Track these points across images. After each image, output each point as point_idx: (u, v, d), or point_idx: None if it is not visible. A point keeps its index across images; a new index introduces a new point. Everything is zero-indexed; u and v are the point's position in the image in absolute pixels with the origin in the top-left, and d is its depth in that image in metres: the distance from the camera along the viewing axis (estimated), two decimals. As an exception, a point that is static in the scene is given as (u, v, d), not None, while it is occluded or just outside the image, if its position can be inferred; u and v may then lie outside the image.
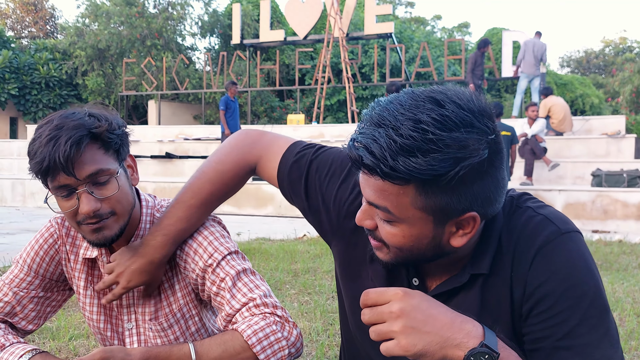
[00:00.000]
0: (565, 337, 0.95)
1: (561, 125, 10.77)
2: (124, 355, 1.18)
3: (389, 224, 0.97)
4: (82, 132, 1.21)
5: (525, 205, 1.07)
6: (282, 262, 4.73)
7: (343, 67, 14.64)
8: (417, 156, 0.86)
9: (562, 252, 0.99)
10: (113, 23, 19.81)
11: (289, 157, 1.29)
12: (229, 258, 1.35)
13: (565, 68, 38.94)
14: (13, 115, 19.52)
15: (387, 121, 0.90)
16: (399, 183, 0.90)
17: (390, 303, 0.91)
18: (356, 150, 0.91)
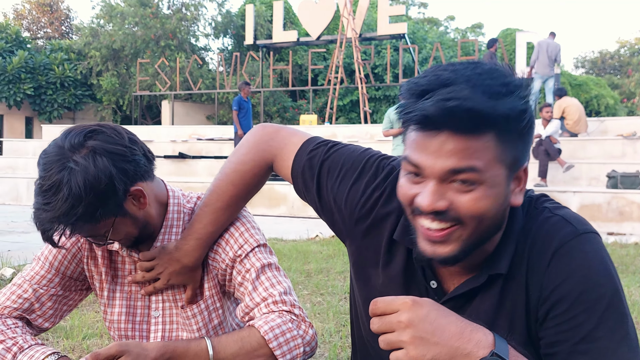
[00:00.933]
0: (582, 341, 0.93)
1: (576, 126, 10.67)
2: (140, 349, 1.18)
3: (470, 192, 0.92)
4: (56, 228, 1.21)
5: (542, 207, 1.05)
6: (295, 263, 4.73)
7: (356, 67, 14.63)
8: (502, 98, 0.89)
9: (579, 253, 0.97)
10: (127, 24, 19.96)
11: (302, 156, 1.28)
12: (257, 250, 1.37)
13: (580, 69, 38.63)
14: (29, 115, 19.73)
15: (455, 78, 0.90)
16: (485, 132, 0.90)
17: (398, 312, 0.90)
18: (444, 106, 0.88)
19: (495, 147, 0.91)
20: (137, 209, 1.30)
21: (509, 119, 0.89)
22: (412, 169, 0.95)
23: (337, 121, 17.87)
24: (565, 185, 9.21)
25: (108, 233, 1.28)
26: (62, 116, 19.77)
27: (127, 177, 1.24)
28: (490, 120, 0.88)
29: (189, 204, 1.45)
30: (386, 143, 9.58)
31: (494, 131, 0.90)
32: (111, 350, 1.16)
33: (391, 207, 1.15)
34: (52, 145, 1.24)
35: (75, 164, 1.18)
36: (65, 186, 1.16)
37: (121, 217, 1.26)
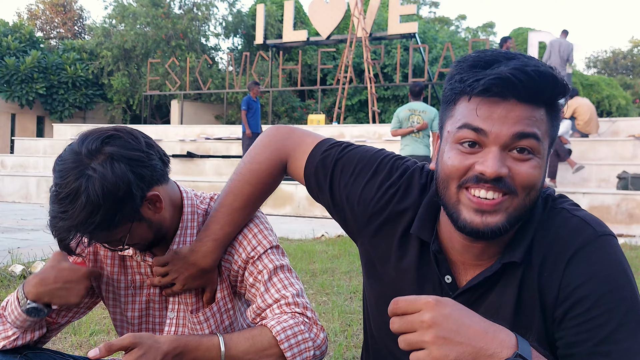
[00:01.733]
0: (602, 343, 0.93)
1: (587, 126, 10.59)
2: (153, 342, 1.19)
3: (527, 161, 0.97)
4: (72, 237, 1.22)
5: (561, 207, 1.06)
6: (301, 262, 4.74)
7: (365, 67, 14.60)
8: (560, 73, 0.97)
9: (600, 255, 0.98)
10: (139, 24, 20.07)
11: (315, 156, 1.29)
12: (270, 252, 1.37)
13: (591, 69, 38.30)
14: (40, 114, 19.88)
15: (515, 54, 0.98)
16: (541, 106, 0.97)
17: (421, 312, 0.88)
18: (524, 70, 0.93)
19: (547, 121, 0.98)
20: (153, 213, 1.29)
21: (562, 91, 0.97)
22: (473, 136, 0.97)
23: (345, 121, 17.86)
24: (574, 186, 9.14)
25: (124, 238, 1.27)
26: (72, 115, 19.91)
27: (144, 182, 1.24)
28: (554, 90, 0.96)
29: (202, 204, 1.44)
30: (394, 143, 9.56)
31: (546, 107, 0.98)
32: (124, 341, 1.17)
33: (406, 203, 1.17)
34: (68, 151, 1.21)
35: (93, 172, 1.17)
36: (83, 194, 1.15)
37: (137, 222, 1.26)
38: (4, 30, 20.15)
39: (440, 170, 1.02)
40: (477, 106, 0.96)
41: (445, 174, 1.01)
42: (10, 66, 18.34)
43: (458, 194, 0.99)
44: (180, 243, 1.38)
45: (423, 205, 1.14)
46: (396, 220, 1.17)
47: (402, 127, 7.29)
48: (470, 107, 0.97)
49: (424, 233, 1.12)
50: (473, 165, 0.97)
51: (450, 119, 1.02)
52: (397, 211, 1.17)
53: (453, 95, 1.01)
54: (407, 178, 1.19)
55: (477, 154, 0.97)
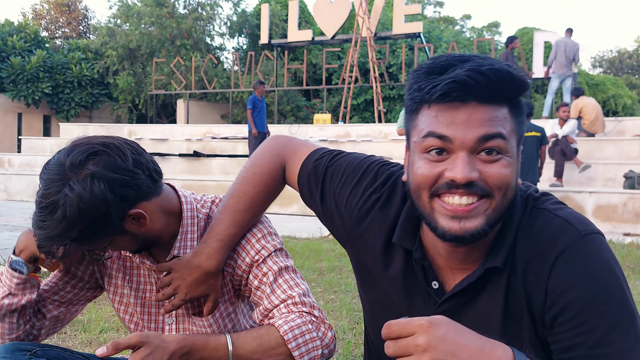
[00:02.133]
0: (597, 346, 0.92)
1: (593, 126, 10.56)
2: (160, 341, 1.19)
3: (496, 161, 0.96)
4: (51, 247, 1.21)
5: (543, 207, 1.04)
6: (308, 261, 4.75)
7: (370, 66, 14.61)
8: (516, 69, 0.96)
9: (585, 256, 0.96)
10: (144, 23, 20.10)
11: (308, 164, 1.31)
12: (274, 254, 1.37)
13: (597, 68, 38.17)
14: (46, 114, 19.94)
15: (469, 56, 0.97)
16: (503, 104, 0.97)
17: (415, 335, 0.87)
18: (479, 70, 0.92)
19: (511, 119, 0.97)
20: (137, 227, 1.27)
21: (521, 87, 0.97)
22: (438, 143, 0.96)
23: (351, 120, 17.85)
24: (581, 185, 9.12)
25: (105, 250, 1.29)
26: (79, 115, 19.96)
27: (126, 202, 1.22)
28: (513, 86, 0.96)
29: (203, 208, 1.42)
30: (400, 142, 9.57)
31: (508, 105, 0.97)
32: (131, 340, 1.17)
33: (389, 210, 1.17)
34: (55, 160, 1.21)
35: (69, 190, 1.15)
36: (60, 209, 1.15)
37: (120, 235, 1.26)
38: (9, 30, 20.21)
39: (411, 181, 1.01)
40: (438, 113, 0.96)
41: (415, 185, 1.00)
42: (16, 66, 18.40)
43: (431, 202, 0.99)
44: (181, 248, 1.36)
45: (404, 213, 1.13)
46: (380, 226, 1.17)
47: (408, 126, 7.29)
48: (432, 115, 0.97)
49: (406, 242, 1.11)
50: (443, 173, 0.96)
51: (414, 129, 1.01)
52: (380, 217, 1.17)
53: (414, 104, 1.00)
54: (391, 184, 1.19)
55: (445, 160, 0.96)
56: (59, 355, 1.45)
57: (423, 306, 1.12)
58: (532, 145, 7.76)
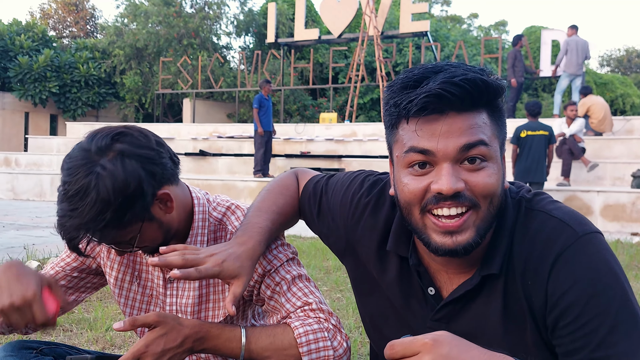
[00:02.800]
0: (599, 348, 0.91)
1: (601, 125, 10.50)
2: (176, 323, 1.19)
3: (480, 170, 0.96)
4: (82, 237, 1.17)
5: (538, 208, 1.03)
6: (314, 259, 4.74)
7: (377, 65, 14.58)
8: (490, 75, 0.97)
9: (583, 257, 0.95)
10: (151, 23, 20.16)
11: (308, 186, 1.37)
12: (286, 264, 1.35)
13: (605, 67, 37.95)
14: (53, 113, 20.03)
15: (443, 66, 0.97)
16: (481, 109, 0.96)
17: (419, 355, 0.85)
18: (451, 82, 0.92)
19: (490, 123, 0.97)
20: (164, 213, 1.27)
21: (497, 93, 0.97)
22: (420, 157, 0.96)
23: (357, 119, 17.83)
24: (588, 184, 9.07)
25: (134, 239, 1.24)
26: (85, 114, 20.04)
27: (156, 180, 1.22)
28: (489, 92, 0.95)
29: (215, 212, 1.40)
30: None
31: (487, 109, 0.97)
32: (149, 318, 1.17)
33: (379, 216, 1.18)
34: (77, 148, 1.19)
35: (102, 168, 1.14)
36: (92, 191, 1.13)
37: (148, 221, 1.24)
38: (17, 30, 20.32)
39: (400, 198, 1.02)
40: (417, 127, 0.96)
41: (405, 202, 1.00)
42: (23, 65, 18.50)
43: (423, 219, 0.99)
44: None
45: (396, 221, 1.14)
46: (371, 232, 1.18)
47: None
48: (411, 129, 0.97)
49: (401, 249, 1.12)
50: (429, 186, 0.96)
51: (395, 143, 1.01)
52: (371, 224, 1.18)
53: (392, 119, 1.01)
54: (379, 191, 1.21)
55: (430, 173, 0.96)
56: (65, 353, 1.46)
57: (421, 311, 1.12)
58: (540, 144, 7.71)
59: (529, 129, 7.77)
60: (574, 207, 7.77)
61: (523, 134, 7.75)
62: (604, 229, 7.56)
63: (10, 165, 13.75)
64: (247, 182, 10.04)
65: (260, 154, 10.32)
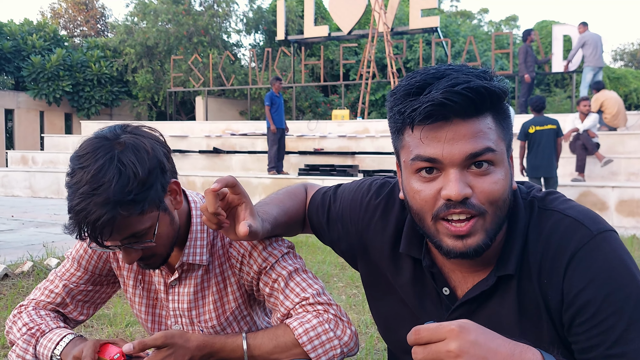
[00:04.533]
0: (615, 345, 0.91)
1: (614, 120, 10.41)
2: (184, 341, 1.23)
3: (489, 174, 0.96)
4: (109, 213, 1.12)
5: (552, 207, 1.04)
6: (329, 255, 4.76)
7: (388, 62, 14.54)
8: (490, 80, 0.97)
9: (598, 255, 0.96)
10: (161, 21, 20.23)
11: (316, 197, 1.38)
12: (281, 259, 1.35)
13: (618, 61, 37.56)
14: (67, 112, 20.17)
15: (444, 71, 0.97)
16: (486, 114, 0.97)
17: (446, 341, 0.85)
18: (453, 90, 0.92)
19: (495, 127, 0.98)
20: (173, 207, 1.29)
21: (501, 97, 0.97)
22: (427, 164, 0.97)
23: (370, 116, 17.81)
24: (603, 180, 9.00)
25: (154, 229, 1.23)
26: (99, 112, 20.16)
27: (169, 161, 1.25)
28: (492, 98, 0.96)
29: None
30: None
31: (491, 112, 0.98)
32: (157, 341, 1.21)
33: (389, 218, 1.20)
34: (90, 139, 1.19)
35: (121, 146, 1.16)
36: (117, 163, 1.13)
37: (163, 212, 1.24)
38: (29, 29, 20.47)
39: (412, 205, 1.03)
40: (422, 134, 0.96)
41: (417, 209, 1.01)
42: (36, 64, 18.64)
43: (435, 225, 1.00)
44: (190, 255, 1.35)
45: (407, 224, 1.15)
46: (382, 235, 1.19)
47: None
48: (416, 137, 0.97)
49: (413, 250, 1.13)
50: (439, 193, 0.97)
51: (402, 148, 1.02)
52: (382, 227, 1.20)
53: (397, 126, 1.02)
54: (389, 192, 1.22)
55: (438, 178, 0.97)
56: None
57: (435, 312, 1.12)
58: (550, 139, 7.62)
59: (537, 124, 7.69)
60: (588, 203, 7.74)
61: (532, 130, 7.66)
62: (619, 224, 7.51)
63: (28, 164, 13.90)
64: (261, 179, 10.08)
65: (274, 151, 10.34)
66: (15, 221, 7.31)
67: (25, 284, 3.72)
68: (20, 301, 3.31)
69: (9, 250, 4.93)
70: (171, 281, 1.40)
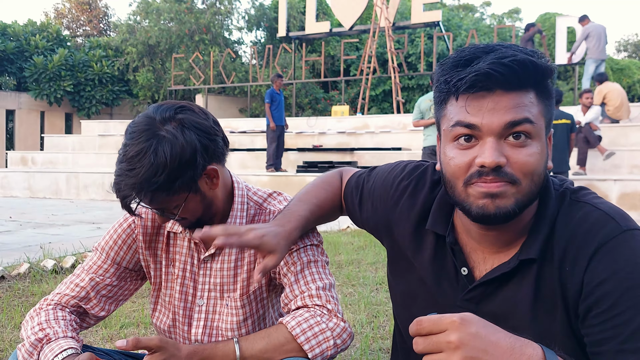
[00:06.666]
0: (629, 340, 0.91)
1: (617, 112, 10.34)
2: (175, 350, 1.23)
3: (524, 147, 0.98)
4: (135, 195, 1.25)
5: (584, 200, 1.05)
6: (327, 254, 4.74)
7: (389, 57, 14.50)
8: (541, 57, 0.99)
9: (624, 250, 0.96)
10: (163, 19, 20.26)
11: (351, 180, 1.42)
12: (308, 248, 1.40)
13: (621, 53, 37.37)
14: (68, 111, 20.23)
15: (494, 46, 1.00)
16: (529, 89, 0.99)
17: (446, 332, 0.86)
18: (500, 62, 0.95)
19: (538, 103, 1.00)
20: (209, 188, 1.35)
21: (545, 74, 0.99)
22: (466, 131, 0.99)
23: (370, 111, 17.78)
24: (605, 173, 8.95)
25: (179, 209, 1.32)
26: (99, 112, 20.23)
27: (208, 154, 1.30)
28: (537, 74, 0.98)
29: (255, 196, 1.49)
30: (418, 133, 9.48)
31: (535, 90, 0.99)
32: (151, 342, 1.20)
33: (418, 197, 1.22)
34: (142, 116, 1.29)
35: (165, 133, 1.24)
36: (152, 153, 1.22)
37: (194, 193, 1.32)
38: (32, 30, 20.52)
39: (445, 172, 1.05)
40: (465, 103, 0.99)
41: (450, 174, 1.03)
42: (38, 65, 18.69)
43: (466, 190, 1.01)
44: None
45: (437, 200, 1.18)
46: (409, 213, 1.22)
47: (424, 117, 7.26)
48: (460, 105, 1.00)
49: (439, 227, 1.15)
50: (473, 160, 0.99)
51: (443, 118, 1.05)
52: (409, 205, 1.22)
53: (442, 96, 1.04)
54: (421, 173, 1.26)
55: (475, 147, 0.99)
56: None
57: (452, 291, 1.14)
58: (563, 133, 7.57)
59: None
60: (590, 196, 7.66)
61: None
62: (621, 218, 7.46)
63: (27, 164, 13.93)
64: (259, 176, 10.06)
65: (273, 148, 10.33)
66: (13, 222, 7.31)
67: (22, 286, 3.70)
68: (16, 303, 3.30)
69: (5, 252, 4.92)
70: (205, 257, 1.45)
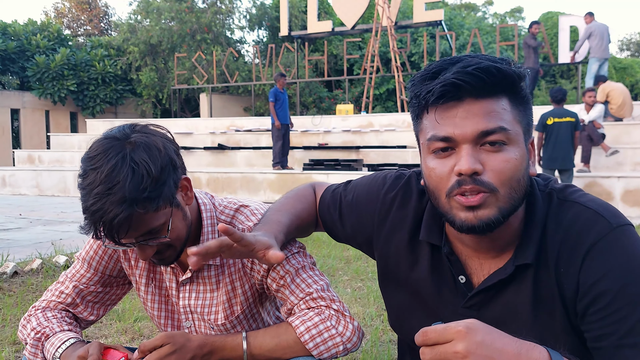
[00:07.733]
0: (628, 335, 0.93)
1: (620, 110, 10.35)
2: (185, 340, 1.24)
3: (501, 152, 0.98)
4: (126, 211, 1.12)
5: (572, 199, 1.06)
6: (334, 249, 4.78)
7: (392, 56, 14.52)
8: (507, 65, 0.99)
9: (616, 248, 0.97)
10: (164, 19, 20.27)
11: (326, 195, 1.38)
12: (290, 257, 1.36)
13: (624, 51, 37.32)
14: (73, 110, 20.26)
15: (461, 57, 1.00)
16: (500, 95, 0.99)
17: (453, 342, 0.86)
18: (465, 71, 0.96)
19: (511, 109, 0.99)
20: (185, 203, 1.29)
21: (516, 81, 0.99)
22: (441, 144, 1.00)
23: (374, 110, 17.78)
24: (608, 170, 8.97)
25: (167, 225, 1.23)
26: (104, 111, 20.25)
27: (180, 162, 1.26)
28: (506, 79, 0.98)
29: (223, 215, 1.40)
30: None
31: (507, 95, 0.99)
32: (156, 342, 1.22)
33: (407, 209, 1.21)
34: (100, 140, 1.19)
35: (135, 140, 1.17)
36: (130, 162, 1.14)
37: (176, 207, 1.25)
38: (33, 29, 20.54)
39: (428, 184, 1.05)
40: (437, 115, 1.00)
41: (433, 186, 1.03)
42: (41, 64, 18.73)
43: (449, 201, 1.01)
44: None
45: (427, 210, 1.17)
46: (401, 225, 1.21)
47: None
48: (432, 118, 1.01)
49: (434, 237, 1.14)
50: (452, 169, 0.99)
51: (421, 132, 1.06)
52: (400, 217, 1.21)
53: (416, 111, 1.06)
54: (405, 183, 1.24)
55: (451, 156, 0.99)
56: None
57: (452, 300, 1.14)
58: (568, 131, 7.54)
59: (555, 115, 7.63)
60: (594, 193, 7.68)
61: (550, 121, 7.59)
62: (625, 214, 7.48)
63: (34, 163, 13.99)
64: (266, 174, 10.10)
65: (279, 147, 10.36)
66: (23, 219, 7.36)
67: (35, 281, 3.76)
68: (30, 298, 3.35)
69: (17, 249, 4.98)
70: (183, 279, 1.41)
